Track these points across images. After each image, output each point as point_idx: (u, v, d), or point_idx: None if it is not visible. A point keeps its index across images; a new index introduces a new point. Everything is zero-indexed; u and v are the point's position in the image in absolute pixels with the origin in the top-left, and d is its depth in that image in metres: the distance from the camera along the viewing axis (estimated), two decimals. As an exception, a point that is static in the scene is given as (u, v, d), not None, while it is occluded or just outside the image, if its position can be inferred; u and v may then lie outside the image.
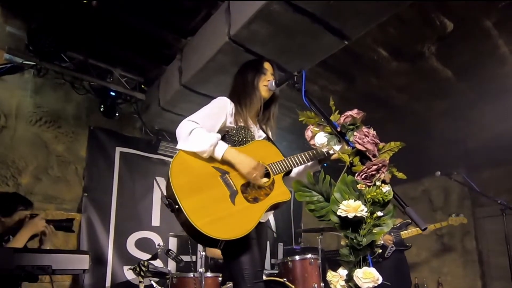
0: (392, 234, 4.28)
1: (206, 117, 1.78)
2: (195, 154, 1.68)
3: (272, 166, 1.80)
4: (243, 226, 1.60)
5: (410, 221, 4.44)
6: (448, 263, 5.63)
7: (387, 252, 4.21)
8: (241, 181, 1.72)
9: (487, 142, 4.83)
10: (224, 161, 1.71)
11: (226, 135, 1.87)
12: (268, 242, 3.57)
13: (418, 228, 4.23)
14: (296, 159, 1.84)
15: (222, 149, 1.68)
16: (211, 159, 1.70)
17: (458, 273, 5.54)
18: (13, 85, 3.78)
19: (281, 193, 1.77)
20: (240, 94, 1.94)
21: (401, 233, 4.32)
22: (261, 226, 1.88)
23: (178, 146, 1.70)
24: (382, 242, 4.12)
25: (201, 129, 1.70)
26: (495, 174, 5.30)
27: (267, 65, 2.01)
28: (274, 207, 1.79)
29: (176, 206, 1.57)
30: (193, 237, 1.63)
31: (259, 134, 1.98)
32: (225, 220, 1.59)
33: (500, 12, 3.11)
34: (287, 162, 1.83)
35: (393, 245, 4.23)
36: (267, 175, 1.79)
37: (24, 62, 3.65)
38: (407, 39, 3.42)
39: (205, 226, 1.53)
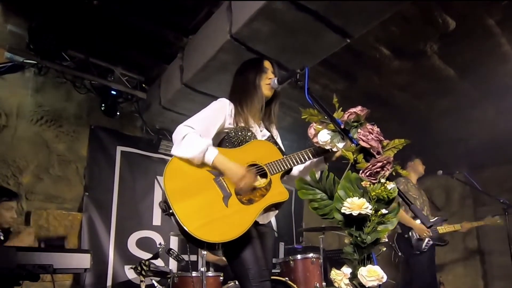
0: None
1: (202, 120, 1.78)
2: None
3: (270, 166, 1.77)
4: (236, 228, 1.57)
5: (445, 218, 4.30)
6: (450, 262, 5.62)
7: (424, 245, 3.90)
8: None
9: (489, 141, 4.82)
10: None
11: (226, 136, 1.85)
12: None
13: (454, 225, 4.14)
14: (295, 158, 1.80)
15: (211, 156, 1.67)
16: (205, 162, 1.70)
17: (459, 272, 5.54)
18: (14, 84, 3.78)
19: (277, 193, 1.72)
20: (241, 94, 1.92)
21: (438, 228, 4.04)
22: (264, 227, 1.86)
23: (171, 152, 1.72)
24: (418, 235, 3.84)
25: (194, 134, 1.69)
26: (497, 173, 5.29)
27: (267, 64, 1.99)
28: (273, 208, 1.76)
29: (170, 211, 1.57)
30: (189, 241, 1.62)
31: (262, 133, 1.95)
32: (217, 222, 1.57)
33: (503, 10, 3.09)
34: (285, 161, 1.79)
35: (430, 239, 3.93)
36: (264, 175, 1.75)
37: (25, 61, 3.64)
38: (409, 38, 3.40)
39: (197, 230, 1.53)
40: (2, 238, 2.67)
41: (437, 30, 3.29)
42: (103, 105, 4.18)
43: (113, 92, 4.19)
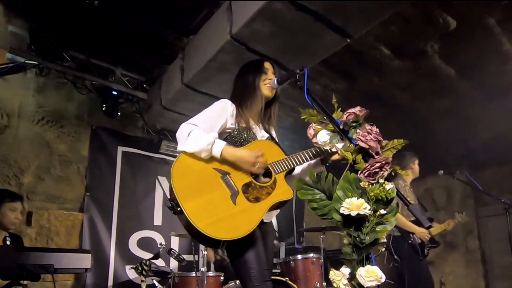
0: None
1: (205, 119, 1.80)
2: (195, 157, 1.69)
3: (274, 165, 1.80)
4: (245, 226, 1.59)
5: (432, 218, 4.27)
6: (451, 262, 5.61)
7: (426, 249, 3.83)
8: (242, 181, 1.71)
9: (490, 141, 4.81)
10: (224, 161, 1.71)
11: (228, 136, 1.87)
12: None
13: (441, 225, 4.12)
14: (298, 157, 1.84)
15: (219, 147, 1.68)
16: (211, 160, 1.70)
17: (461, 272, 5.53)
18: (15, 84, 3.79)
19: (283, 191, 1.76)
20: (242, 95, 1.94)
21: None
22: (267, 226, 1.88)
23: (178, 148, 1.72)
24: (419, 239, 3.77)
25: (199, 130, 1.70)
26: (498, 173, 5.28)
27: (267, 65, 2.01)
28: (277, 206, 1.78)
29: (178, 209, 1.58)
30: (195, 238, 1.64)
31: (261, 134, 1.97)
32: (226, 220, 1.59)
33: (503, 9, 3.09)
34: (288, 160, 1.83)
35: (429, 242, 3.88)
36: (269, 174, 1.78)
37: (26, 61, 3.66)
38: (409, 37, 3.40)
39: (206, 227, 1.54)
40: (8, 243, 2.69)
41: (437, 30, 3.29)
42: (104, 105, 4.19)
43: (114, 93, 4.20)
